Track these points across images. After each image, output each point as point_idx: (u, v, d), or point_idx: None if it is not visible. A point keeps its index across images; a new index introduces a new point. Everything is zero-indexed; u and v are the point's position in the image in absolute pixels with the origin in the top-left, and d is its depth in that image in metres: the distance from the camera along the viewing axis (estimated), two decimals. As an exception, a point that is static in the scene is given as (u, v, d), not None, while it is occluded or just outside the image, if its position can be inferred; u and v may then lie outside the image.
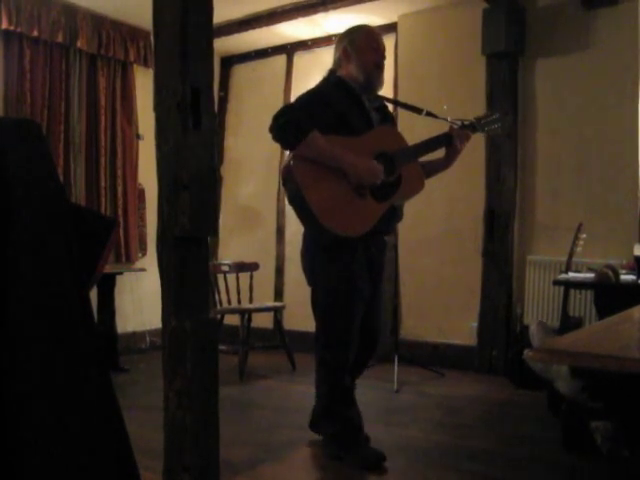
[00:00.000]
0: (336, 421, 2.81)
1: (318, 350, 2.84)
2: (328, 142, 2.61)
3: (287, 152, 2.82)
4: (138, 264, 5.28)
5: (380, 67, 2.81)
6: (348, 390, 2.83)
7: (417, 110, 2.98)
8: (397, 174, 2.73)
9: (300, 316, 4.69)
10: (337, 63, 2.85)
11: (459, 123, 2.92)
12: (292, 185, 2.65)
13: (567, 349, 1.23)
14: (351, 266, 2.73)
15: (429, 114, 2.97)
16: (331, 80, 2.84)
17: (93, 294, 4.45)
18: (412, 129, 3.37)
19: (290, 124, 2.59)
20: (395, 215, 2.85)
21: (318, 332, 2.85)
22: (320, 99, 2.73)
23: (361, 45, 2.78)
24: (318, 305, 2.83)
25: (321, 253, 2.78)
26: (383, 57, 2.82)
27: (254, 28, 5.25)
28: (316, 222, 2.60)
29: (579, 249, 3.61)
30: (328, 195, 2.61)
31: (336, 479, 2.70)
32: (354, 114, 2.74)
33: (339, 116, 2.70)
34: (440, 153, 2.96)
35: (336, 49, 2.88)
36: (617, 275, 3.13)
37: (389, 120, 2.96)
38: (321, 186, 2.61)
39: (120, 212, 5.21)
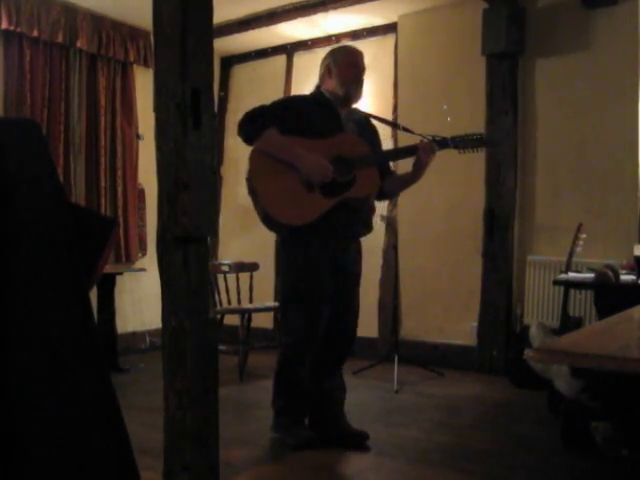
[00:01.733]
0: (283, 400, 2.99)
1: (281, 336, 3.07)
2: (287, 140, 2.83)
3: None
4: (138, 264, 5.28)
5: (358, 82, 3.00)
6: (301, 380, 2.96)
7: (394, 125, 3.23)
8: (352, 176, 2.87)
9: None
10: (321, 79, 3.07)
11: (430, 137, 3.05)
12: (249, 176, 2.90)
13: (567, 349, 1.23)
14: (308, 261, 2.89)
15: (405, 129, 3.15)
16: (313, 93, 3.08)
17: (93, 294, 4.45)
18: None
19: (252, 119, 2.86)
20: (358, 220, 2.97)
21: (281, 320, 3.11)
22: (293, 105, 3.01)
23: (341, 62, 2.99)
24: (280, 295, 3.08)
25: (283, 245, 2.99)
26: (361, 73, 3.02)
27: (254, 28, 5.25)
28: (266, 213, 2.82)
29: (579, 249, 3.61)
30: (277, 186, 2.82)
31: (335, 479, 2.70)
32: (326, 123, 2.93)
33: (309, 123, 2.90)
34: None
35: (320, 67, 3.10)
36: (617, 275, 3.13)
37: (368, 132, 3.10)
38: (272, 178, 2.83)
39: (120, 212, 5.20)
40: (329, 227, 2.84)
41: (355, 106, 3.09)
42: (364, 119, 3.14)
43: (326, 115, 2.95)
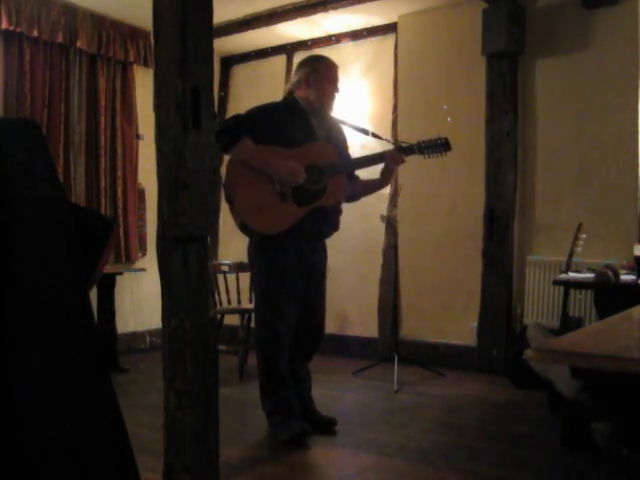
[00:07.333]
0: (271, 401, 3.07)
1: (256, 336, 3.17)
2: (261, 149, 2.95)
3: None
4: (138, 264, 5.28)
5: (334, 97, 3.16)
6: (283, 376, 3.06)
7: (364, 131, 3.32)
8: (323, 184, 3.02)
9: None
10: (296, 85, 3.17)
11: (397, 144, 3.18)
12: (226, 185, 3.02)
13: (567, 349, 1.23)
14: (279, 261, 3.02)
15: (374, 135, 3.32)
16: (287, 99, 3.20)
17: (93, 294, 4.45)
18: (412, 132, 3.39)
19: (228, 130, 2.96)
20: (328, 222, 3.12)
21: (255, 319, 3.21)
22: (267, 114, 3.09)
23: (323, 76, 3.11)
24: (254, 294, 3.19)
25: (255, 247, 3.12)
26: (338, 89, 3.17)
27: (254, 28, 5.25)
28: (242, 221, 2.99)
29: (579, 249, 3.61)
30: (253, 196, 2.97)
31: (335, 479, 2.70)
32: (299, 131, 3.06)
33: (282, 131, 3.02)
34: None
35: (296, 73, 3.21)
36: (617, 275, 3.13)
37: (337, 137, 3.23)
38: (248, 188, 2.97)
39: (120, 212, 5.20)
40: (300, 230, 2.98)
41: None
42: (334, 125, 3.27)
43: (299, 123, 3.08)
